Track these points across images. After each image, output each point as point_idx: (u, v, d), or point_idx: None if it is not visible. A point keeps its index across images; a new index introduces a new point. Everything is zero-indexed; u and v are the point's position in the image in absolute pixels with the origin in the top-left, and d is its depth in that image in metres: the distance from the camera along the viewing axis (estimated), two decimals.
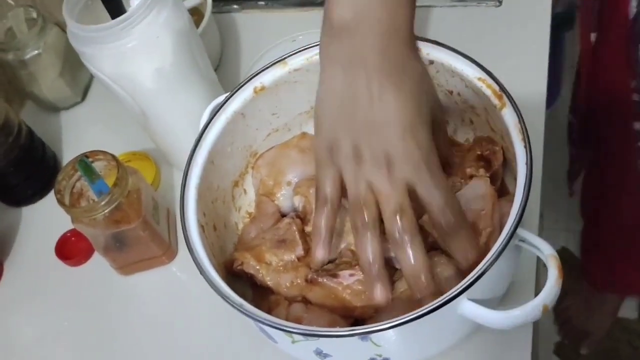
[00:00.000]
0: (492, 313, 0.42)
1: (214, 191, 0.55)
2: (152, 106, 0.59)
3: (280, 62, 0.56)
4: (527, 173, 0.44)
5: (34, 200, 0.73)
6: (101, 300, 0.64)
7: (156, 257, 0.63)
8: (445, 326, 0.46)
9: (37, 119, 0.79)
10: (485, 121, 0.52)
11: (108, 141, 0.70)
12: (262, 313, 0.44)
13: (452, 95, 0.54)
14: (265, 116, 0.58)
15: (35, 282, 0.67)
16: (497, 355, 0.51)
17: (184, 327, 0.60)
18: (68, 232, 0.67)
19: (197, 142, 0.53)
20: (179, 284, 0.64)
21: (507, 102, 0.48)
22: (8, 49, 0.73)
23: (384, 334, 0.42)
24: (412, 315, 0.40)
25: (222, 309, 0.47)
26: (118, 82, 0.56)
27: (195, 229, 0.49)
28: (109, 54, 0.54)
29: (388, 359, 0.46)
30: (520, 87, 0.51)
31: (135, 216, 0.58)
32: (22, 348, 0.63)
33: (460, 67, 0.51)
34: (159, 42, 0.55)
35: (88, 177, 0.58)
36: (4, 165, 0.68)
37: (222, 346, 0.58)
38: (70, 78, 0.78)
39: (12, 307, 0.66)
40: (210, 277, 0.47)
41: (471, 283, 0.41)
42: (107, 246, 0.61)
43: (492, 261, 0.41)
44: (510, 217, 0.43)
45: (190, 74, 0.59)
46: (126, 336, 0.61)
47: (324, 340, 0.44)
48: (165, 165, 0.72)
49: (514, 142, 0.46)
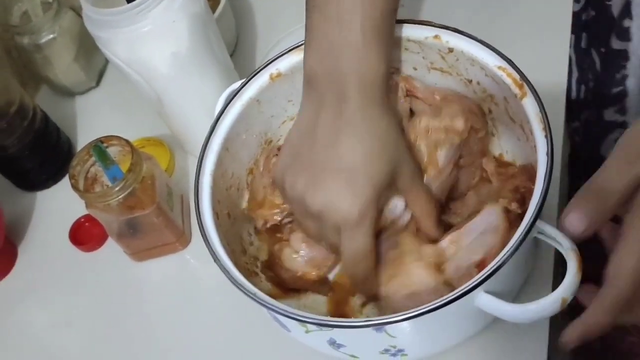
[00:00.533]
0: (508, 306, 0.41)
1: (228, 178, 0.55)
2: (167, 91, 0.59)
3: (296, 49, 0.55)
4: (548, 164, 0.43)
5: (48, 185, 0.73)
6: (114, 286, 0.64)
7: (170, 243, 0.63)
8: (460, 318, 0.45)
9: (51, 103, 0.79)
10: (504, 110, 0.52)
11: (122, 126, 0.70)
12: (275, 302, 0.44)
13: (471, 84, 0.53)
14: (280, 103, 0.58)
15: (49, 267, 0.67)
16: (513, 349, 0.51)
17: (197, 314, 0.60)
18: (82, 217, 0.67)
19: (212, 128, 0.53)
20: (192, 271, 0.64)
21: (528, 91, 0.47)
22: (23, 33, 0.73)
23: (399, 326, 0.42)
24: (428, 307, 0.40)
25: (235, 297, 0.46)
26: (133, 66, 0.56)
27: (209, 216, 0.49)
28: (124, 38, 0.53)
29: (402, 350, 0.46)
30: (540, 77, 0.50)
31: (149, 202, 0.58)
32: (35, 332, 0.64)
33: (481, 55, 0.50)
34: (175, 26, 0.54)
35: (102, 162, 0.58)
36: (19, 149, 0.68)
37: (234, 334, 0.58)
38: (85, 62, 0.78)
39: (26, 292, 0.66)
40: (224, 265, 0.46)
41: (488, 275, 0.40)
42: (121, 232, 0.61)
43: (511, 253, 0.40)
44: (529, 209, 0.42)
45: (205, 59, 0.59)
46: (138, 322, 0.61)
47: (337, 331, 0.44)
48: (179, 152, 0.71)
49: (535, 132, 0.45)
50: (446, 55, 0.52)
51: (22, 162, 0.70)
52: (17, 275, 0.68)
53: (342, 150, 0.45)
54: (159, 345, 0.59)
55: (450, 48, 0.51)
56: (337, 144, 0.45)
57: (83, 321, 0.63)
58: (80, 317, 0.63)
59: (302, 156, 0.47)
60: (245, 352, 0.57)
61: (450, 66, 0.53)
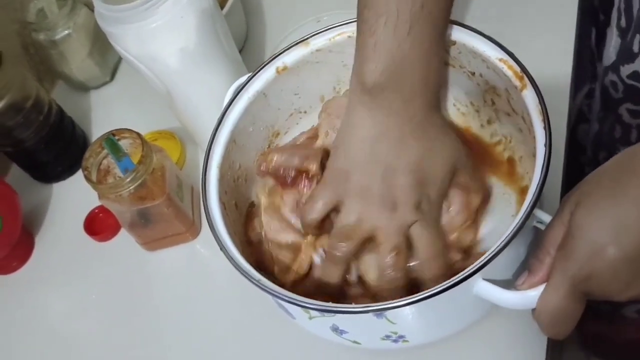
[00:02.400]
0: (507, 293, 0.42)
1: (235, 170, 0.56)
2: (176, 85, 0.60)
3: (302, 43, 0.56)
4: (546, 155, 0.44)
5: (63, 177, 0.75)
6: (127, 275, 0.66)
7: (180, 233, 0.64)
8: (460, 306, 0.46)
9: (67, 98, 0.81)
10: (506, 102, 0.52)
11: (135, 120, 0.71)
12: (280, 289, 0.45)
13: (474, 76, 0.54)
14: (287, 96, 0.59)
15: (65, 257, 0.69)
16: (513, 336, 0.52)
17: (206, 302, 0.61)
18: (96, 208, 0.69)
19: (219, 121, 0.54)
20: (202, 260, 0.65)
21: (528, 83, 0.47)
22: (39, 29, 0.75)
23: (399, 311, 0.43)
24: (427, 292, 0.41)
25: (242, 286, 0.47)
26: (143, 61, 0.57)
27: (216, 207, 0.50)
28: (134, 34, 0.55)
29: (403, 336, 0.47)
30: (545, 70, 0.51)
31: (159, 193, 0.59)
32: (51, 319, 0.66)
33: (482, 48, 0.51)
34: (184, 22, 0.55)
35: (114, 154, 0.60)
36: (35, 142, 0.70)
37: (241, 322, 0.59)
38: (99, 58, 0.80)
39: (42, 281, 0.68)
40: (231, 254, 0.48)
41: (486, 262, 0.41)
42: (133, 222, 0.62)
43: (508, 241, 0.41)
44: (527, 198, 0.42)
45: (214, 54, 0.60)
46: (150, 308, 0.63)
47: (340, 317, 0.45)
48: (190, 145, 0.73)
49: (534, 123, 0.46)
50: (449, 48, 0.53)
51: (39, 155, 0.72)
52: (34, 264, 0.70)
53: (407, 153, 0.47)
54: (169, 332, 0.61)
55: (452, 41, 0.52)
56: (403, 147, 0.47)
57: (97, 308, 0.65)
58: (95, 304, 0.65)
59: (366, 155, 0.48)
60: (252, 338, 0.58)
61: (453, 59, 0.54)
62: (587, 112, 0.75)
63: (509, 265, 0.46)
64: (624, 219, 0.37)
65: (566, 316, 0.40)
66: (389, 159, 0.47)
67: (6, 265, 0.69)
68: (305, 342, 0.55)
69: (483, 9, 0.71)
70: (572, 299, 0.39)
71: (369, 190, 0.48)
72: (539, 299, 0.40)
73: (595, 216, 0.38)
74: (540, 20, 0.69)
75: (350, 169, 0.49)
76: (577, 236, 0.38)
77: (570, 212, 0.39)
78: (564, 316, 0.40)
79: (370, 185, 0.47)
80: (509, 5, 0.71)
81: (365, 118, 0.48)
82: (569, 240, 0.39)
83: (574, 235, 0.38)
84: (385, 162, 0.47)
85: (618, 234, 0.37)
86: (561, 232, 0.40)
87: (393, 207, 0.47)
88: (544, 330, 0.42)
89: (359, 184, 0.48)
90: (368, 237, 0.48)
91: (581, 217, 0.38)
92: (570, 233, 0.39)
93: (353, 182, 0.48)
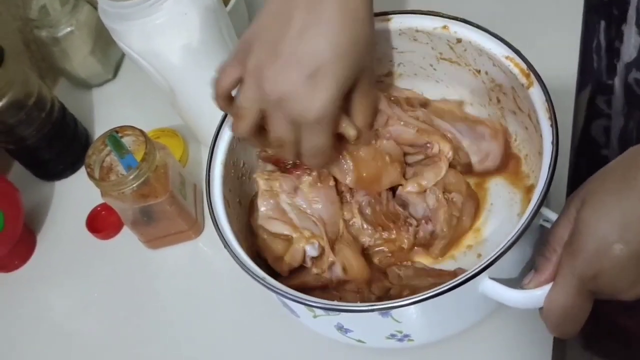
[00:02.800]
0: (513, 292, 0.42)
1: (239, 167, 0.56)
2: (179, 83, 0.60)
3: None
4: (553, 152, 0.43)
5: (66, 174, 0.75)
6: (129, 273, 0.66)
7: (183, 231, 0.64)
8: (465, 305, 0.46)
9: (69, 95, 0.80)
10: (512, 100, 0.52)
11: (138, 117, 0.71)
12: (285, 287, 0.45)
13: (480, 74, 0.54)
14: None
15: (67, 255, 0.69)
16: (519, 335, 0.51)
17: (209, 300, 0.61)
18: (98, 206, 0.69)
19: (223, 118, 0.54)
20: (205, 259, 0.65)
21: (535, 81, 0.47)
22: (42, 26, 0.74)
23: (404, 310, 0.43)
24: (433, 292, 0.41)
25: (246, 284, 0.47)
26: (146, 58, 0.57)
27: (220, 204, 0.50)
28: (137, 30, 0.54)
29: (408, 335, 0.46)
30: (550, 67, 0.50)
31: (162, 191, 0.59)
32: (53, 317, 0.66)
33: (488, 45, 0.50)
34: (187, 18, 0.55)
35: (117, 151, 0.59)
36: (38, 140, 0.70)
37: (245, 320, 0.59)
38: (102, 55, 0.79)
39: (44, 279, 0.68)
40: (235, 251, 0.47)
41: (492, 261, 0.41)
42: (135, 220, 0.62)
43: (514, 240, 0.41)
44: (534, 197, 0.42)
45: (217, 51, 0.60)
46: (153, 307, 0.63)
47: (345, 315, 0.45)
48: (193, 142, 0.72)
49: (541, 121, 0.46)
50: (454, 45, 0.53)
51: (41, 152, 0.72)
52: (36, 262, 0.69)
53: (312, 44, 0.44)
54: (172, 330, 0.61)
55: (458, 38, 0.52)
56: (307, 38, 0.44)
57: (99, 306, 0.64)
58: (97, 302, 0.65)
59: (268, 41, 0.45)
60: (256, 336, 0.58)
61: (458, 56, 0.54)
62: (605, 107, 0.75)
63: (515, 263, 0.45)
64: (630, 215, 0.37)
65: (574, 315, 0.39)
66: (289, 49, 0.44)
67: (8, 263, 0.69)
68: (309, 340, 0.55)
69: (487, 6, 0.70)
70: (580, 298, 0.39)
71: (262, 76, 0.45)
72: (546, 298, 0.40)
73: (601, 213, 0.37)
74: (545, 17, 0.68)
75: (252, 44, 0.46)
76: (583, 233, 0.38)
77: (577, 210, 0.39)
78: (572, 315, 0.39)
79: (264, 71, 0.45)
80: (513, 2, 0.71)
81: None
82: (575, 238, 0.38)
83: (581, 232, 0.38)
84: (286, 52, 0.44)
85: (625, 230, 0.37)
86: (567, 230, 0.40)
87: (281, 100, 0.45)
88: (551, 330, 0.41)
89: (253, 65, 0.45)
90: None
91: (587, 215, 0.38)
92: (577, 230, 0.38)
93: (252, 59, 0.45)
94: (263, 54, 0.45)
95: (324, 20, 0.44)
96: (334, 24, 0.44)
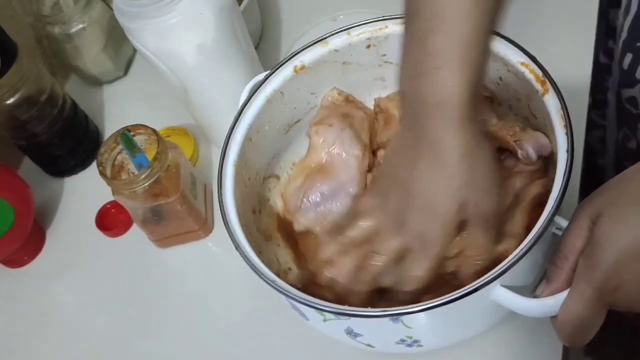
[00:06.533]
0: (525, 300, 0.42)
1: (251, 168, 0.56)
2: (192, 82, 0.60)
3: (321, 42, 0.56)
4: (568, 160, 0.43)
5: (76, 171, 0.75)
6: (138, 271, 0.66)
7: (193, 231, 0.64)
8: (477, 312, 0.46)
9: (80, 92, 0.81)
10: (525, 106, 0.52)
11: (149, 116, 0.71)
12: (295, 290, 0.45)
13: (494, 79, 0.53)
14: (304, 95, 0.58)
15: (75, 252, 0.69)
16: (529, 343, 0.51)
17: (217, 300, 0.61)
18: (108, 203, 0.69)
19: (236, 119, 0.54)
20: (214, 258, 0.65)
21: (550, 88, 0.47)
22: (54, 23, 0.74)
23: (415, 316, 0.42)
24: (445, 298, 0.40)
25: (255, 285, 0.47)
26: (160, 57, 0.57)
27: (232, 205, 0.50)
28: (152, 29, 0.54)
29: (418, 341, 0.46)
30: (563, 73, 0.50)
31: (173, 190, 0.59)
32: (60, 314, 0.66)
33: (504, 51, 0.50)
34: (202, 18, 0.55)
35: (129, 150, 0.59)
36: (49, 136, 0.70)
37: (253, 321, 0.59)
38: (113, 52, 0.79)
39: (53, 275, 0.68)
40: (246, 253, 0.47)
41: (505, 269, 0.40)
42: (146, 219, 0.62)
43: (528, 248, 0.41)
44: (548, 205, 0.42)
45: (231, 51, 0.60)
46: (161, 306, 0.63)
47: (355, 320, 0.45)
48: (203, 142, 0.72)
49: (556, 128, 0.45)
50: None
51: (52, 148, 0.72)
52: (45, 258, 0.70)
53: (418, 179, 0.42)
54: (180, 329, 0.61)
55: None
56: (415, 171, 0.42)
57: (107, 303, 0.65)
58: (105, 299, 0.65)
59: (388, 178, 0.45)
60: (264, 338, 0.58)
61: None
62: (599, 119, 0.75)
63: (527, 271, 0.45)
64: None
65: (589, 326, 0.39)
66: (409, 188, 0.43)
67: (17, 258, 0.69)
68: (317, 342, 0.55)
69: None
70: (596, 309, 0.38)
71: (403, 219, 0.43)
72: (561, 308, 0.40)
73: (622, 225, 0.37)
74: (558, 24, 0.68)
75: (387, 194, 0.44)
76: (604, 245, 0.37)
77: (591, 220, 0.39)
78: (587, 326, 0.39)
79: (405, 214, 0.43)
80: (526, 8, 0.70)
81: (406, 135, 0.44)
82: (595, 250, 0.38)
83: (601, 244, 0.37)
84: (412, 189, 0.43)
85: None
86: (580, 238, 0.39)
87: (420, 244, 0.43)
88: (563, 339, 0.41)
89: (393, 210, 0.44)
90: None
91: (607, 226, 0.37)
92: (596, 242, 0.38)
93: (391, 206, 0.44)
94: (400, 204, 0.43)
95: (427, 151, 0.42)
96: (436, 153, 0.42)
